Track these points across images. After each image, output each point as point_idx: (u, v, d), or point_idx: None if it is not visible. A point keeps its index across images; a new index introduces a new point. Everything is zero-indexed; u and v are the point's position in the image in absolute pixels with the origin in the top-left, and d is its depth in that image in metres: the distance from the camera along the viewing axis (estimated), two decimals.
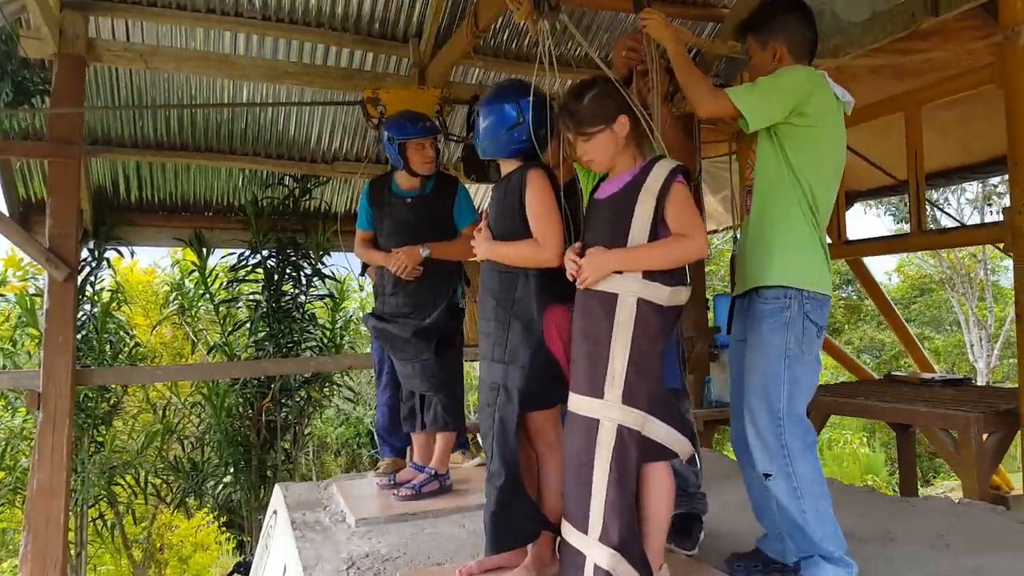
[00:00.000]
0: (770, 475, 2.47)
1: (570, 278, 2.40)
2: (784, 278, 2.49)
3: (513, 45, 6.76)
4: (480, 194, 7.64)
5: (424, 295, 3.72)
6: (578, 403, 2.34)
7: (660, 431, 2.29)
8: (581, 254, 2.36)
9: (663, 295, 2.28)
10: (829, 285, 2.57)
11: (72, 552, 6.97)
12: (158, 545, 9.09)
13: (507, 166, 2.70)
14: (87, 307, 7.21)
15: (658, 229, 2.29)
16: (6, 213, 5.57)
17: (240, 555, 10.95)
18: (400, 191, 3.84)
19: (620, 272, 2.28)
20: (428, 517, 3.57)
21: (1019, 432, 4.38)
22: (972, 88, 4.75)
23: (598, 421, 2.27)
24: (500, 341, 2.55)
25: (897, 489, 8.33)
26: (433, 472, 3.81)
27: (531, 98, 2.59)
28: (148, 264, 10.13)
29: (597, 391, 2.28)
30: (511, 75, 6.99)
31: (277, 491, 4.33)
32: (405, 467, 4.17)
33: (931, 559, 2.82)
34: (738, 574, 2.68)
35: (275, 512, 4.20)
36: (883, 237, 7.75)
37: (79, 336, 6.54)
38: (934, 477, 13.90)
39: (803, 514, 2.44)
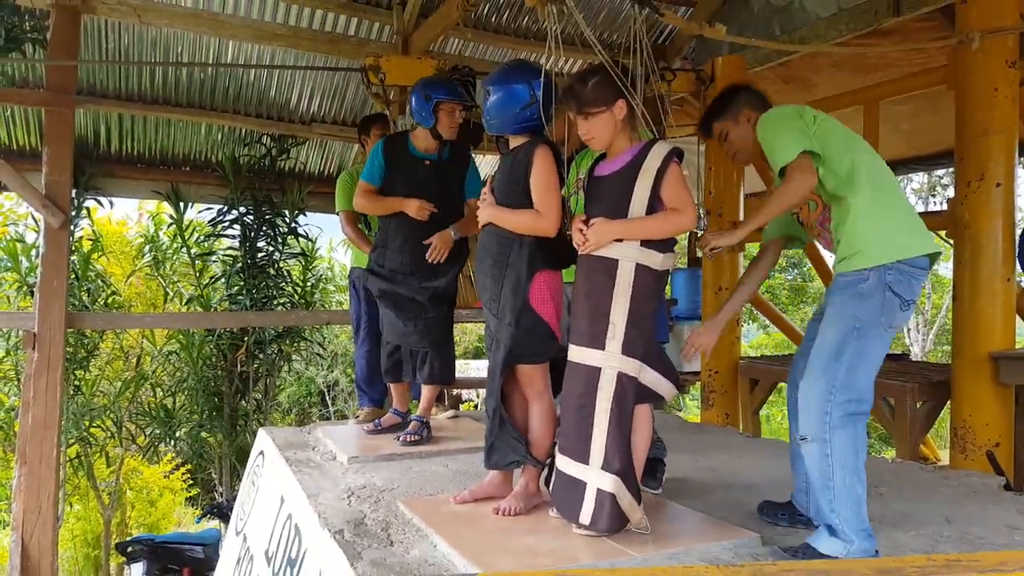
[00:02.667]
0: (805, 438, 2.49)
1: (576, 245, 2.70)
2: (861, 262, 2.49)
3: (494, 19, 6.96)
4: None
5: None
6: (581, 354, 2.65)
7: (652, 378, 2.63)
8: (586, 224, 2.65)
9: (657, 260, 2.60)
10: (918, 247, 2.50)
11: None
12: (124, 489, 9.29)
13: (514, 140, 2.94)
14: None
15: (654, 203, 2.60)
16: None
17: (193, 506, 11.20)
18: (418, 152, 3.93)
19: (620, 240, 2.59)
20: (414, 458, 3.86)
21: (948, 401, 4.84)
22: (926, 87, 5.11)
23: (599, 369, 2.59)
24: (495, 297, 2.85)
25: None
26: (423, 419, 4.11)
27: (542, 79, 2.84)
28: (120, 216, 10.18)
29: (599, 343, 2.60)
30: (495, 48, 7.22)
31: (262, 434, 4.56)
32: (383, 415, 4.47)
33: (867, 505, 3.19)
34: (765, 517, 2.89)
35: (261, 453, 4.42)
36: None
37: None
38: None
39: (829, 482, 2.43)
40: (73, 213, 7.25)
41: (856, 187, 2.55)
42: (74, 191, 7.24)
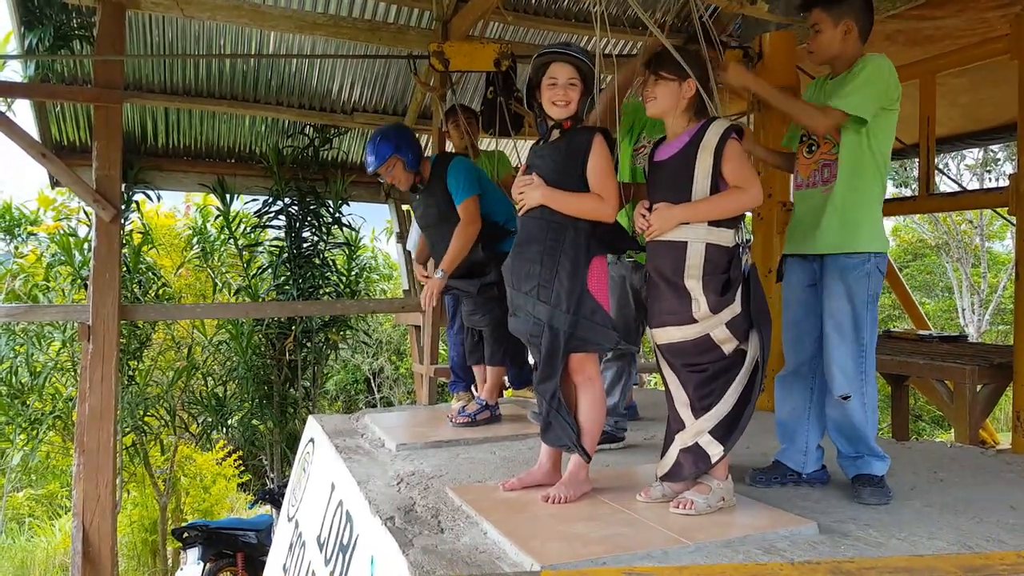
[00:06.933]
0: (848, 397, 2.88)
1: (639, 231, 2.68)
2: (871, 246, 2.91)
3: (534, 1, 6.88)
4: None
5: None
6: (676, 333, 2.65)
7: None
8: (649, 209, 2.64)
9: (727, 237, 2.59)
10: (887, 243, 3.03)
11: None
12: (179, 476, 9.52)
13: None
14: None
15: (717, 182, 2.57)
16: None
17: (245, 492, 11.42)
18: (417, 187, 4.13)
19: (687, 223, 2.58)
20: (461, 444, 3.86)
21: (1010, 385, 4.68)
22: (986, 58, 4.91)
23: (702, 337, 2.62)
24: (547, 284, 2.75)
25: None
26: (484, 402, 4.15)
27: (594, 66, 2.77)
28: (168, 209, 10.38)
29: (686, 318, 2.61)
30: (536, 31, 7.14)
31: (312, 421, 4.61)
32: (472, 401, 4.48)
33: (926, 491, 3.10)
34: (760, 485, 3.06)
35: (311, 440, 4.47)
36: (892, 199, 7.92)
37: None
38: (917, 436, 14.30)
39: (866, 424, 2.90)
40: (123, 207, 7.41)
41: (879, 173, 2.92)
42: (123, 185, 7.39)
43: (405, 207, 8.79)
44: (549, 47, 2.84)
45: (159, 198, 7.99)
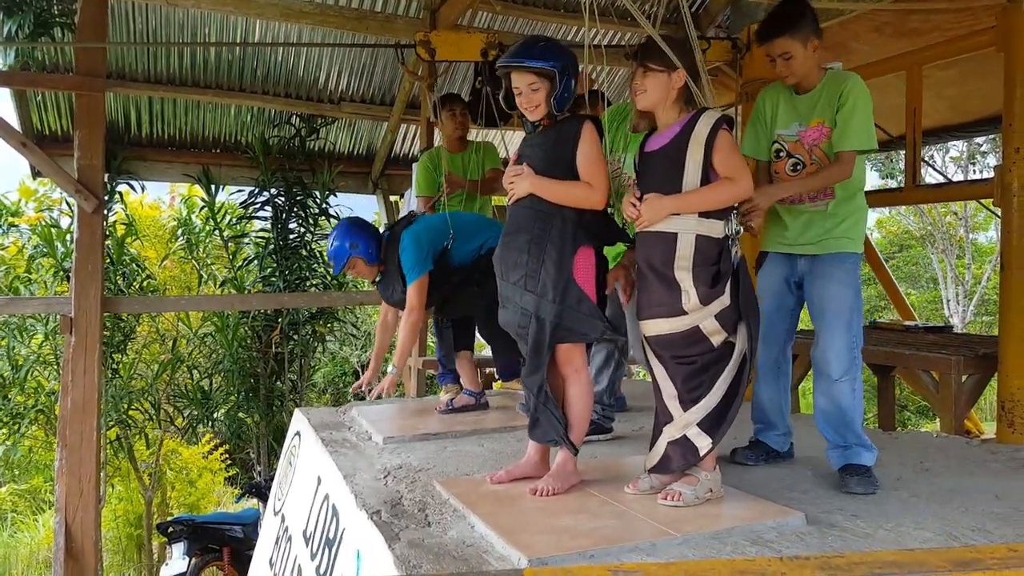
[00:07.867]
0: (840, 379, 2.98)
1: (628, 219, 2.67)
2: (854, 248, 3.08)
3: None
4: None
5: None
6: (665, 325, 2.64)
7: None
8: (640, 199, 2.62)
9: (717, 229, 2.59)
10: None
11: None
12: (164, 470, 9.47)
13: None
14: None
15: (708, 173, 2.57)
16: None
17: (232, 485, 11.37)
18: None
19: (677, 214, 2.57)
20: (449, 437, 3.84)
21: (995, 375, 4.70)
22: (973, 51, 4.92)
23: (693, 329, 2.61)
24: (534, 274, 2.74)
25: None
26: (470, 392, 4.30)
27: (576, 59, 2.77)
28: (152, 200, 10.29)
29: (676, 311, 2.60)
30: (524, 20, 7.09)
31: (298, 415, 4.58)
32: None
33: (912, 480, 3.11)
34: (748, 462, 3.28)
35: (297, 434, 4.44)
36: (878, 191, 7.95)
37: None
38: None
39: (854, 411, 2.98)
40: (106, 197, 7.31)
41: (861, 184, 3.09)
42: (106, 175, 7.30)
43: (394, 198, 8.75)
44: (506, 56, 2.80)
45: (143, 189, 7.93)
